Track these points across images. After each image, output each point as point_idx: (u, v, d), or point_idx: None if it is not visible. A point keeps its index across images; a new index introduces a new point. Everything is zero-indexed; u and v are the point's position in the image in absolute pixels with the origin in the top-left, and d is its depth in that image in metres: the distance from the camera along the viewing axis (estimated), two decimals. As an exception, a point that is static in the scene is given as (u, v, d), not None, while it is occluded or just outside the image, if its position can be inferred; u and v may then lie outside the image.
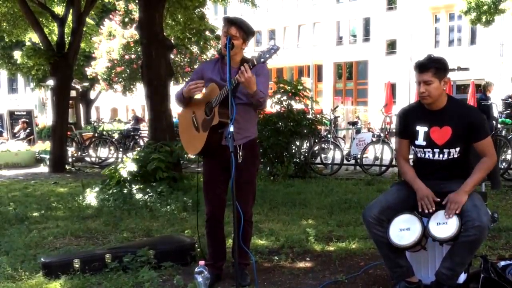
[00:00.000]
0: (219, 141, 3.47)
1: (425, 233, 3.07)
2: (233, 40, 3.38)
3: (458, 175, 3.18)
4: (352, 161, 10.29)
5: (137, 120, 17.55)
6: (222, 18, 3.57)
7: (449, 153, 3.22)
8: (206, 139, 3.46)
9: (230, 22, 3.46)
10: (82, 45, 14.52)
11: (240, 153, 3.34)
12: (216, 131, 3.43)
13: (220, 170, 3.56)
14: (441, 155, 3.24)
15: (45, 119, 26.95)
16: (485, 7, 14.85)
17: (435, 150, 3.25)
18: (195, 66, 18.58)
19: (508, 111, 10.76)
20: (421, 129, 3.27)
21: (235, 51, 3.42)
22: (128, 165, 7.24)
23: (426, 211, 3.11)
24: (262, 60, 3.27)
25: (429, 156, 3.28)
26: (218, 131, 3.43)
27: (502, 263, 3.31)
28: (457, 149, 3.21)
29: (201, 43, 14.85)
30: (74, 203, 6.89)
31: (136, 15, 12.87)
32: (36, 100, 33.12)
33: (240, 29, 3.45)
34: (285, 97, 9.14)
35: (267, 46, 3.33)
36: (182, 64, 20.60)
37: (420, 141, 3.28)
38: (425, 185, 3.19)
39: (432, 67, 3.13)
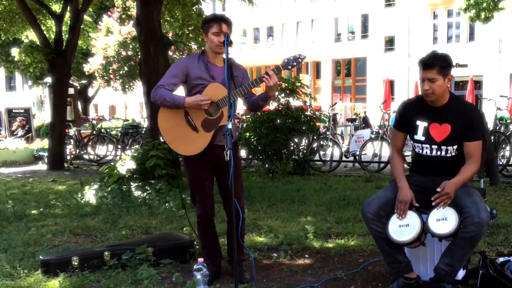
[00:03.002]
0: (214, 141, 3.47)
1: (424, 229, 3.08)
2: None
3: (455, 172, 3.16)
4: (351, 158, 10.29)
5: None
6: (209, 16, 3.54)
7: (446, 150, 3.22)
8: (210, 139, 3.45)
9: (221, 19, 3.44)
10: (80, 42, 14.48)
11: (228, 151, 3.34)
12: (219, 131, 3.40)
13: (207, 169, 3.55)
14: (438, 152, 3.24)
15: (43, 116, 26.89)
16: (484, 4, 14.84)
17: (433, 146, 3.25)
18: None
19: None
20: (421, 124, 3.27)
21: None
22: (126, 163, 7.23)
23: (399, 217, 3.12)
24: (289, 67, 3.31)
25: (426, 152, 3.28)
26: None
27: (501, 259, 3.31)
28: (455, 147, 3.21)
29: (200, 39, 14.82)
30: (72, 200, 6.88)
31: (134, 11, 12.84)
32: (34, 97, 33.12)
33: (229, 26, 3.45)
34: (283, 94, 9.14)
35: (294, 54, 3.33)
36: (180, 61, 20.55)
37: (419, 136, 3.28)
38: (408, 187, 3.20)
39: (437, 65, 3.10)
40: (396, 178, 3.29)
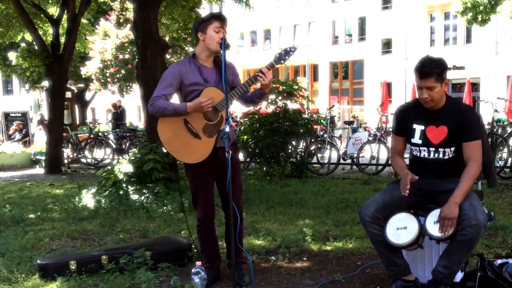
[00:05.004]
0: (216, 144, 3.46)
1: (422, 232, 3.08)
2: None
3: (453, 174, 3.17)
4: (349, 161, 10.30)
5: (42, 123, 15.67)
6: (212, 14, 3.48)
7: (444, 152, 3.22)
8: (214, 144, 3.42)
9: (224, 19, 3.43)
10: (77, 45, 14.48)
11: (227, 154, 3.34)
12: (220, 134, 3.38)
13: (209, 172, 3.53)
14: (436, 154, 3.24)
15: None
16: (481, 7, 14.87)
17: (430, 149, 3.25)
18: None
19: None
20: (418, 128, 3.27)
21: None
22: (124, 166, 7.22)
23: (403, 193, 3.13)
24: (282, 62, 3.24)
25: (424, 154, 3.28)
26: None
27: (499, 261, 3.30)
28: (452, 148, 3.21)
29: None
30: (70, 204, 6.87)
31: (131, 15, 12.85)
32: (31, 101, 32.99)
33: (226, 27, 3.44)
34: (280, 97, 9.15)
35: (285, 47, 3.26)
36: (177, 64, 20.54)
37: (416, 139, 3.28)
38: (409, 172, 3.23)
39: (434, 73, 3.08)
40: (398, 171, 3.31)
